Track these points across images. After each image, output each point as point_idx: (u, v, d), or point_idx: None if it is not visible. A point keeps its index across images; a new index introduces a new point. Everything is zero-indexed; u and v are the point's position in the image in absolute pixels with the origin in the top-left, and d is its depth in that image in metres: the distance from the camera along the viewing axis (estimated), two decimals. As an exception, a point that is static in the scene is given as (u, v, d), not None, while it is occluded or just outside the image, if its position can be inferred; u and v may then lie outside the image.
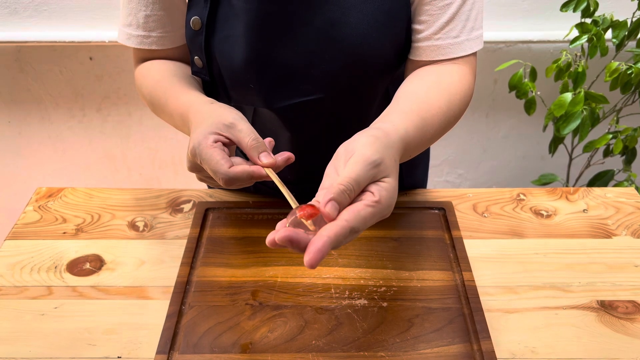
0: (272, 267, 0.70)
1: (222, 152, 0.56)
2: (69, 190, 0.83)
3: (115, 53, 1.43)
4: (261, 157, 0.57)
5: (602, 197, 0.82)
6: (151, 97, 0.72)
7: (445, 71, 0.66)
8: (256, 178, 0.56)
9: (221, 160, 0.55)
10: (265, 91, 0.68)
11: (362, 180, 0.48)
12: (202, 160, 0.56)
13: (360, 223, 0.47)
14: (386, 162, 0.50)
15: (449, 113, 0.63)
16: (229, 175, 0.55)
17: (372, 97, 0.74)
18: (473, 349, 0.60)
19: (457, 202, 0.81)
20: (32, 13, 1.33)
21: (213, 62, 0.69)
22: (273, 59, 0.66)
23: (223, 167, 0.55)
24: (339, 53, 0.66)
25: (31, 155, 1.61)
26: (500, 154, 1.65)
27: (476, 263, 0.71)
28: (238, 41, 0.66)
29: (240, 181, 0.55)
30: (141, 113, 1.55)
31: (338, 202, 0.46)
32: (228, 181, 0.55)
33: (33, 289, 0.68)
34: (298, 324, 0.62)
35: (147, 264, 0.71)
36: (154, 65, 0.74)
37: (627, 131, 1.25)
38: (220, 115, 0.59)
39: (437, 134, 0.63)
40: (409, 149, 0.57)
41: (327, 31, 0.65)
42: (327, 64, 0.66)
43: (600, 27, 1.16)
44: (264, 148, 0.58)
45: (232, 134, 0.58)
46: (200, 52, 0.69)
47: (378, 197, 0.48)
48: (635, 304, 0.66)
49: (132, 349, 0.61)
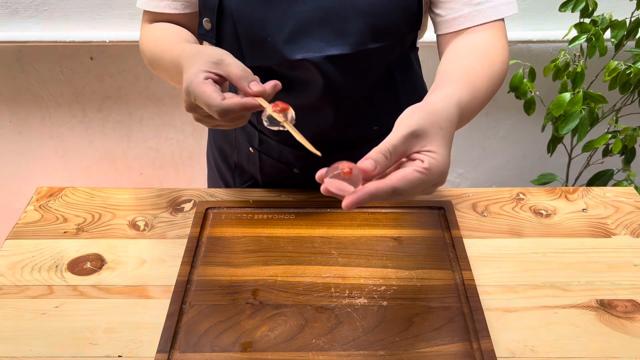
0: (272, 266, 0.70)
1: (213, 87, 0.57)
2: (70, 189, 0.84)
3: (116, 53, 1.43)
4: (251, 86, 0.58)
5: (601, 196, 0.82)
6: (150, 53, 0.75)
7: (479, 38, 0.69)
8: (249, 108, 0.57)
9: (213, 93, 0.56)
10: (281, 45, 0.70)
11: (400, 145, 0.50)
12: (196, 97, 0.57)
13: (405, 185, 0.49)
14: (427, 131, 0.51)
15: (492, 77, 0.66)
16: (222, 107, 0.56)
17: (376, 66, 0.76)
18: (473, 347, 0.60)
19: (456, 201, 0.81)
20: (32, 13, 1.33)
21: (225, 22, 0.72)
22: (290, 13, 0.69)
23: (216, 100, 0.56)
24: (352, 13, 0.68)
25: (32, 155, 1.62)
26: (500, 153, 1.65)
27: (476, 262, 0.71)
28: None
29: (234, 112, 0.57)
30: (142, 113, 1.55)
31: (374, 159, 0.48)
32: (222, 112, 0.56)
33: (34, 289, 0.68)
34: (298, 322, 0.63)
35: (148, 263, 0.71)
36: (158, 25, 0.77)
37: (627, 131, 1.26)
38: (208, 54, 0.60)
39: (486, 98, 0.65)
40: (465, 115, 0.59)
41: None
42: (340, 22, 0.69)
43: (599, 27, 1.16)
44: (253, 77, 0.59)
45: (221, 69, 0.59)
46: (212, 13, 0.72)
47: (428, 165, 0.50)
48: (635, 303, 0.66)
49: (132, 348, 0.61)
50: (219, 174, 0.98)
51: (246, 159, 0.90)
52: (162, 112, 1.54)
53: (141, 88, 1.50)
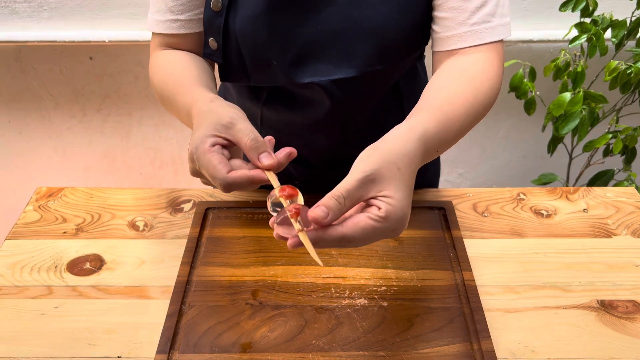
0: (272, 266, 0.70)
1: (220, 157, 0.54)
2: (69, 190, 0.83)
3: (116, 53, 1.43)
4: (261, 159, 0.54)
5: (602, 196, 0.82)
6: (161, 89, 0.71)
7: (470, 61, 0.65)
8: (257, 182, 0.54)
9: (218, 165, 0.53)
10: (287, 68, 0.68)
11: (354, 190, 0.48)
12: (200, 165, 0.54)
13: (357, 233, 0.48)
14: (384, 175, 0.49)
15: (475, 103, 0.62)
16: (227, 181, 0.52)
17: (384, 83, 0.75)
18: (473, 348, 0.60)
19: (457, 201, 0.81)
20: (32, 13, 1.33)
21: (230, 43, 0.69)
22: (295, 35, 0.67)
23: (220, 173, 0.52)
24: (358, 35, 0.66)
25: (31, 155, 1.61)
26: (500, 153, 1.65)
27: (476, 263, 0.71)
28: (260, 19, 0.66)
29: (240, 186, 0.53)
30: (141, 113, 1.55)
31: (326, 206, 0.47)
32: (226, 187, 0.53)
33: (33, 289, 0.68)
34: (298, 323, 0.62)
35: (147, 263, 0.71)
36: (169, 55, 0.72)
37: (627, 131, 1.25)
38: (219, 115, 0.57)
39: (464, 127, 0.61)
40: (432, 147, 0.56)
41: (350, 10, 0.65)
42: (346, 45, 0.67)
43: (600, 26, 1.16)
44: (264, 148, 0.55)
45: (230, 135, 0.55)
46: (217, 33, 0.69)
47: (384, 213, 0.48)
48: (635, 304, 0.66)
49: (132, 349, 0.61)
50: None
51: None
52: (161, 112, 1.54)
53: (140, 88, 1.50)
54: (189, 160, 0.56)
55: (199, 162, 0.54)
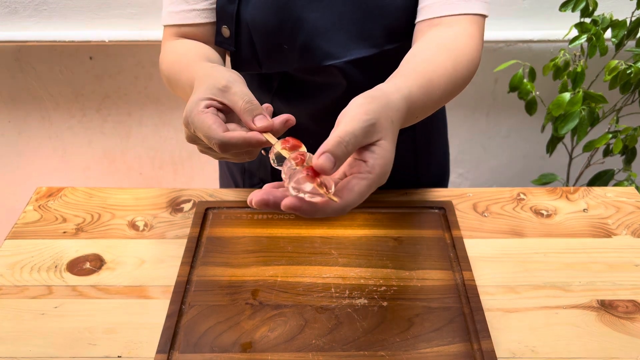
0: (272, 266, 0.70)
1: (214, 117, 0.52)
2: (69, 189, 0.83)
3: (116, 53, 1.43)
4: (255, 121, 0.52)
5: (602, 196, 0.82)
6: (169, 71, 0.70)
7: (451, 33, 0.65)
8: (254, 144, 0.51)
9: (213, 125, 0.51)
10: (297, 52, 0.69)
11: (359, 134, 0.46)
12: (195, 128, 0.52)
13: (355, 198, 0.45)
14: (381, 122, 0.48)
15: (455, 74, 0.62)
16: (223, 140, 0.50)
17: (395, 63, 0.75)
18: (473, 348, 0.60)
19: (457, 201, 0.81)
20: (32, 12, 1.33)
21: (242, 30, 0.71)
22: (304, 20, 0.68)
23: (216, 132, 0.50)
24: (366, 16, 0.68)
25: (31, 155, 1.61)
26: (501, 153, 1.65)
27: (476, 262, 0.71)
28: (270, 5, 0.68)
29: (237, 147, 0.51)
30: (141, 113, 1.55)
31: (334, 154, 0.44)
32: (223, 146, 0.50)
33: (33, 289, 0.68)
34: (298, 323, 0.62)
35: (147, 263, 0.71)
36: (179, 42, 0.73)
37: (627, 131, 1.25)
38: (215, 78, 0.55)
39: (444, 96, 0.61)
40: (414, 109, 0.56)
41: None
42: (355, 26, 0.68)
43: (600, 26, 1.16)
44: (260, 111, 0.53)
45: (225, 98, 0.53)
46: (230, 21, 0.70)
47: (370, 167, 0.46)
48: (636, 304, 0.66)
49: (132, 349, 0.61)
50: (229, 174, 0.97)
51: (257, 164, 0.89)
52: (161, 111, 1.54)
53: (140, 88, 1.50)
54: (184, 125, 0.54)
55: (193, 124, 0.52)
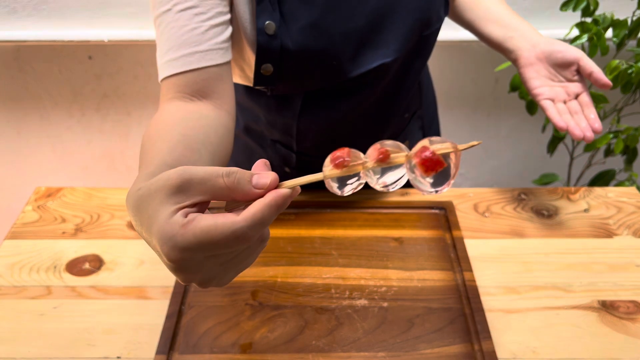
0: (272, 267, 0.69)
1: (206, 216, 0.39)
2: (68, 190, 0.83)
3: (115, 52, 1.42)
4: (257, 182, 0.39)
5: (603, 196, 0.82)
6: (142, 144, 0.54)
7: None
8: (282, 204, 0.38)
9: (218, 222, 0.38)
10: (347, 63, 0.69)
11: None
12: (200, 247, 0.37)
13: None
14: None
15: None
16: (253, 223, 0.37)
17: (424, 60, 0.79)
18: (474, 349, 0.60)
19: (458, 201, 0.80)
20: (31, 12, 1.33)
21: (285, 63, 0.66)
22: (349, 31, 0.68)
23: (232, 225, 0.37)
24: (399, 14, 0.70)
25: (30, 155, 1.61)
26: (502, 153, 1.64)
27: (477, 263, 0.70)
28: (317, 26, 0.65)
29: (269, 221, 0.38)
30: (140, 112, 1.54)
31: None
32: (259, 232, 0.39)
33: (32, 289, 0.67)
34: (298, 324, 0.62)
35: (147, 263, 0.71)
36: (172, 108, 0.57)
37: (628, 131, 1.25)
38: (164, 183, 0.38)
39: None
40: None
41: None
42: (390, 27, 0.70)
43: (601, 26, 1.16)
44: (248, 173, 0.39)
45: (191, 192, 0.39)
46: (275, 56, 0.63)
47: None
48: (637, 304, 0.65)
49: (131, 349, 0.60)
50: None
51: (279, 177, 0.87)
52: (161, 111, 1.53)
53: (139, 87, 1.49)
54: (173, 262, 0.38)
55: (190, 249, 0.37)
